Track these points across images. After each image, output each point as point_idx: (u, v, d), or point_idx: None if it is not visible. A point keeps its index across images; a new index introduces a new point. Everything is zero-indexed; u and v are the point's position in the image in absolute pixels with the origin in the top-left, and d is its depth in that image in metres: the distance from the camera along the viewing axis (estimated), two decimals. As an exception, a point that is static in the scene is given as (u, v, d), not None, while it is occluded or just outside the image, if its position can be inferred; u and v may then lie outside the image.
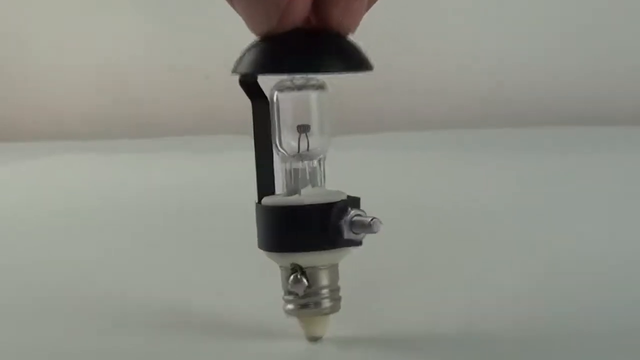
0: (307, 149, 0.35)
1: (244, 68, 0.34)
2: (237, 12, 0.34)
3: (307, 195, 0.35)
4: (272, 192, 0.36)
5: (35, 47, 1.31)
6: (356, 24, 0.34)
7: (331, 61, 0.33)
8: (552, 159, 0.82)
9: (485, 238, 0.53)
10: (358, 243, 0.35)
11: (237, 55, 0.34)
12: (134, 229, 0.61)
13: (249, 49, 0.34)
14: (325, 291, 0.35)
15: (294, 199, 0.35)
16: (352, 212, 0.35)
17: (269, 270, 0.37)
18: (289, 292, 0.35)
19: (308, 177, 0.36)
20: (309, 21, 0.34)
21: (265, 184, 0.36)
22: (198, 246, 0.55)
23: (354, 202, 0.35)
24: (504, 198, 0.65)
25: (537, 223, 0.57)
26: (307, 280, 0.35)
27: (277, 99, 0.36)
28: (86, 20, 1.28)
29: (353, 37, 0.34)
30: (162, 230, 0.60)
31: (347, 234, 0.35)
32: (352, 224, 0.35)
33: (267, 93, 0.36)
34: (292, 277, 0.35)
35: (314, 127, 0.35)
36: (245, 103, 0.35)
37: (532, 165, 0.80)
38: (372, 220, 0.34)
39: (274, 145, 0.36)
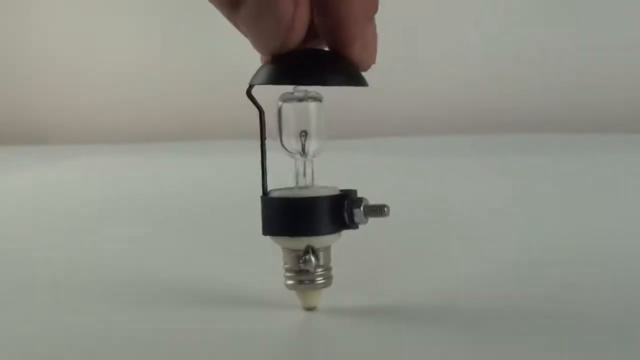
0: (304, 151, 0.41)
1: (257, 80, 0.38)
2: (243, 33, 0.37)
3: (320, 189, 0.40)
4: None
5: (50, 49, 1.32)
6: (375, 56, 0.38)
7: (333, 75, 0.38)
8: (538, 164, 0.86)
9: (468, 233, 0.58)
10: (357, 227, 0.40)
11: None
12: (147, 229, 0.64)
13: (262, 66, 0.38)
14: (321, 269, 0.40)
15: (309, 192, 0.40)
16: (364, 200, 0.40)
17: (268, 256, 0.42)
18: (299, 270, 0.39)
19: (304, 174, 0.41)
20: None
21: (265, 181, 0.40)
22: (208, 237, 0.59)
23: (355, 193, 0.41)
24: (489, 198, 0.69)
25: (516, 219, 0.61)
26: (318, 259, 0.39)
27: (281, 107, 0.41)
28: (99, 24, 1.29)
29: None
30: (175, 227, 0.64)
31: (358, 219, 0.40)
32: (367, 210, 0.40)
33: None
34: (306, 256, 0.39)
35: (311, 132, 0.40)
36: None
37: (517, 170, 0.83)
38: (385, 207, 0.40)
39: (280, 146, 0.41)
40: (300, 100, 0.41)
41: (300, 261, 0.39)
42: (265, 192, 0.40)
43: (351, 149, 0.89)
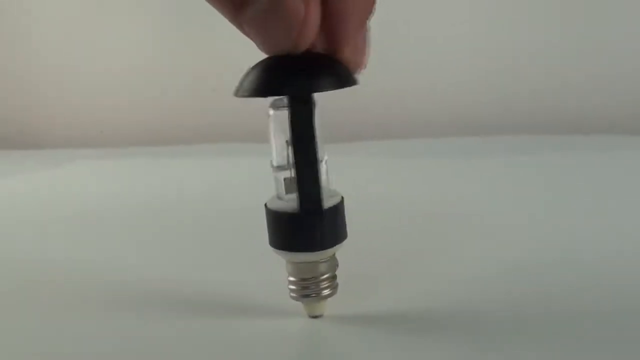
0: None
1: (248, 92, 0.34)
2: (248, 35, 0.34)
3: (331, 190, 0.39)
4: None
5: (47, 52, 1.29)
6: (366, 59, 0.36)
7: (326, 80, 0.34)
8: (523, 166, 0.84)
9: (463, 234, 0.57)
10: None
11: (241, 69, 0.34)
12: (146, 234, 0.62)
13: (250, 73, 0.35)
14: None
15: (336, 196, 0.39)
16: None
17: (272, 262, 0.41)
18: (306, 283, 0.39)
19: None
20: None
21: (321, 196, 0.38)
22: (211, 242, 0.58)
23: None
24: (483, 199, 0.68)
25: (517, 221, 0.60)
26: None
27: (274, 115, 0.38)
28: (100, 26, 1.27)
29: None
30: (176, 232, 0.62)
31: None
32: None
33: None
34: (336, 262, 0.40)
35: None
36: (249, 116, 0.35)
37: (506, 171, 0.82)
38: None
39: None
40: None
41: (337, 266, 0.40)
42: (320, 206, 0.37)
43: (343, 154, 0.86)
